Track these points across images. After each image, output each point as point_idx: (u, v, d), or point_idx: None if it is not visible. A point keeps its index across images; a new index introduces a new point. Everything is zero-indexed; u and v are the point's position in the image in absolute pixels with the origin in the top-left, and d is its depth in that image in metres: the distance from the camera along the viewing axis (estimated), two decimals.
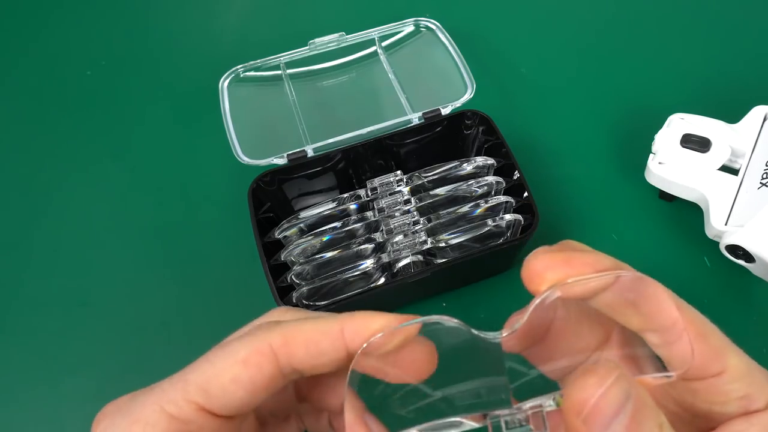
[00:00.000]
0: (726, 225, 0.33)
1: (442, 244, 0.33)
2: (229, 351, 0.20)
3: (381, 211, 0.35)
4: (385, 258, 0.33)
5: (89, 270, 0.38)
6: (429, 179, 0.35)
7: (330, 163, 0.37)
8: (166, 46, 0.49)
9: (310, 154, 0.36)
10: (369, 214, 0.34)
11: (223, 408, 0.20)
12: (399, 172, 0.36)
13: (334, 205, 0.35)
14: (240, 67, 0.40)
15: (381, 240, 0.33)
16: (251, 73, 0.41)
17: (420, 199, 0.35)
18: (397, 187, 0.35)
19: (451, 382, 0.20)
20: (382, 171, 0.38)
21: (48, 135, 0.44)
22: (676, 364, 0.20)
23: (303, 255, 0.33)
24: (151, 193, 0.41)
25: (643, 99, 0.43)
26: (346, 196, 0.35)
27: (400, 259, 0.33)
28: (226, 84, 0.40)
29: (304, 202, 0.38)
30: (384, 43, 0.43)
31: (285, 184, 0.37)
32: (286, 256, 0.33)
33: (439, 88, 0.40)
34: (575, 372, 0.18)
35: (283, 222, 0.34)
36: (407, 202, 0.35)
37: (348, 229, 0.34)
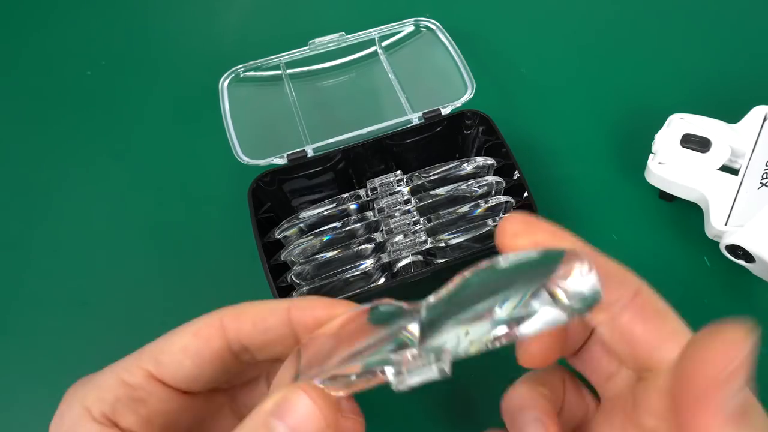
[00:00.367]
0: (726, 225, 0.33)
1: (442, 244, 0.33)
2: (184, 326, 0.22)
3: (381, 211, 0.35)
4: (385, 258, 0.33)
5: (89, 270, 0.38)
6: (429, 179, 0.35)
7: (330, 163, 0.37)
8: (166, 46, 0.49)
9: (310, 154, 0.36)
10: (369, 214, 0.35)
11: (172, 377, 0.22)
12: (399, 172, 0.36)
13: (334, 205, 0.35)
14: (240, 67, 0.40)
15: (381, 240, 0.33)
16: (251, 73, 0.41)
17: (420, 199, 0.35)
18: (397, 187, 0.35)
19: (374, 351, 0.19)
20: (382, 171, 0.38)
21: (48, 135, 0.44)
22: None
23: (303, 255, 0.33)
24: (151, 192, 0.41)
25: (643, 99, 0.43)
26: (346, 196, 0.35)
27: (400, 259, 0.33)
28: (226, 84, 0.40)
29: (304, 202, 0.38)
30: (384, 43, 0.43)
31: (285, 184, 0.37)
32: (286, 256, 0.33)
33: (439, 88, 0.40)
34: (701, 333, 0.16)
35: (283, 222, 0.34)
36: (407, 202, 0.35)
37: (348, 229, 0.34)
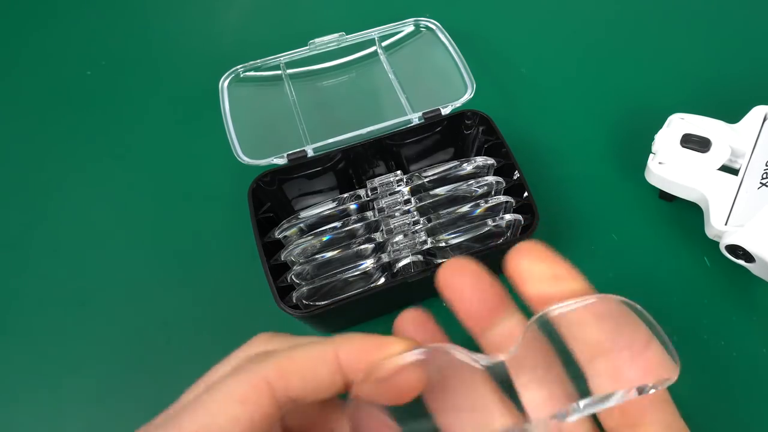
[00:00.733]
0: (726, 225, 0.33)
1: (442, 244, 0.33)
2: (223, 391, 0.19)
3: (381, 211, 0.35)
4: (385, 258, 0.33)
5: (89, 270, 0.38)
6: (429, 179, 0.35)
7: (330, 163, 0.37)
8: (166, 46, 0.49)
9: (310, 154, 0.36)
10: (369, 214, 0.35)
11: None
12: (399, 172, 0.36)
13: (334, 205, 0.35)
14: (240, 67, 0.40)
15: (381, 240, 0.33)
16: (251, 73, 0.41)
17: (420, 199, 0.35)
18: (397, 187, 0.35)
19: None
20: (382, 171, 0.38)
21: (48, 135, 0.44)
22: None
23: (303, 255, 0.33)
24: (151, 192, 0.41)
25: (643, 99, 0.43)
26: (346, 196, 0.35)
27: (400, 259, 0.33)
28: (226, 84, 0.40)
29: (304, 202, 0.38)
30: (384, 43, 0.43)
31: (285, 184, 0.37)
32: (286, 256, 0.33)
33: (439, 88, 0.40)
34: None
35: (283, 222, 0.34)
36: (407, 202, 0.35)
37: (348, 229, 0.34)
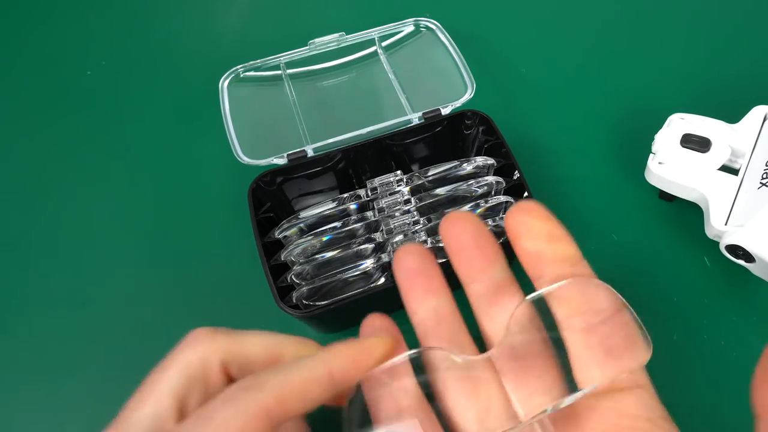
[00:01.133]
0: (726, 225, 0.33)
1: (442, 244, 0.33)
2: (221, 422, 0.19)
3: (381, 211, 0.35)
4: (385, 258, 0.33)
5: (89, 269, 0.38)
6: (429, 179, 0.35)
7: (330, 163, 0.37)
8: (166, 46, 0.49)
9: (310, 154, 0.36)
10: (369, 214, 0.35)
11: None
12: (399, 172, 0.36)
13: (334, 205, 0.35)
14: (240, 67, 0.40)
15: (381, 240, 0.33)
16: (251, 73, 0.41)
17: (420, 199, 0.35)
18: (397, 187, 0.35)
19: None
20: (382, 171, 0.38)
21: (48, 135, 0.44)
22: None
23: (303, 255, 0.33)
24: (151, 192, 0.41)
25: (643, 99, 0.43)
26: (346, 196, 0.35)
27: None
28: (226, 84, 0.40)
29: (304, 202, 0.38)
30: (384, 43, 0.43)
31: (285, 184, 0.37)
32: (286, 256, 0.33)
33: (439, 88, 0.40)
34: None
35: (283, 222, 0.34)
36: (407, 202, 0.35)
37: (348, 229, 0.34)
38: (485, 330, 0.23)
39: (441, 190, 0.35)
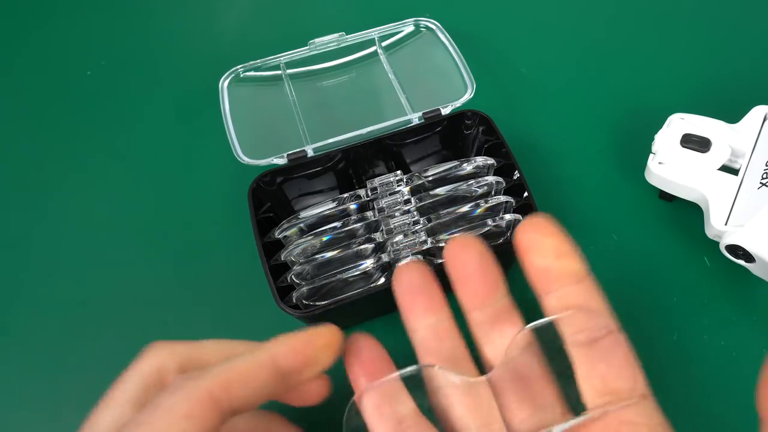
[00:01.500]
0: (726, 225, 0.33)
1: (442, 244, 0.33)
2: (166, 408, 0.19)
3: (381, 211, 0.35)
4: (385, 258, 0.33)
5: (89, 269, 0.38)
6: (429, 179, 0.35)
7: (330, 163, 0.37)
8: (166, 46, 0.49)
9: (310, 154, 0.36)
10: (369, 214, 0.35)
11: None
12: (399, 172, 0.36)
13: (334, 205, 0.35)
14: (240, 67, 0.40)
15: (381, 240, 0.33)
16: (251, 73, 0.41)
17: (420, 199, 0.35)
18: (397, 187, 0.35)
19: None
20: (382, 171, 0.38)
21: (48, 135, 0.44)
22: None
23: (303, 255, 0.33)
24: (151, 192, 0.41)
25: (643, 99, 0.43)
26: (346, 196, 0.35)
27: (400, 259, 0.33)
28: (226, 84, 0.40)
29: (304, 202, 0.38)
30: (384, 43, 0.43)
31: (285, 184, 0.37)
32: (286, 256, 0.33)
33: (439, 88, 0.40)
34: None
35: (283, 222, 0.34)
36: (407, 202, 0.35)
37: (348, 229, 0.34)
38: (485, 354, 0.23)
39: (441, 190, 0.35)
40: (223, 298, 0.36)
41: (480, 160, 0.35)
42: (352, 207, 0.35)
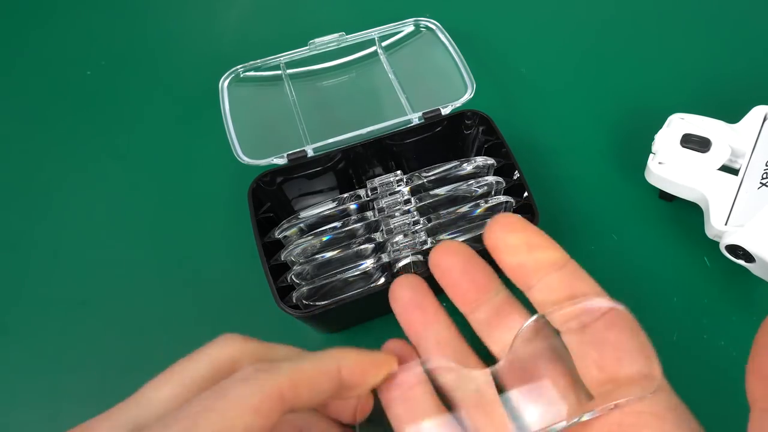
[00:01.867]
0: (726, 225, 0.33)
1: None
2: (238, 398, 0.19)
3: (381, 211, 0.35)
4: (385, 258, 0.33)
5: (89, 269, 0.38)
6: (429, 179, 0.35)
7: (330, 163, 0.37)
8: (166, 46, 0.49)
9: (310, 154, 0.36)
10: (369, 214, 0.35)
11: None
12: (399, 172, 0.36)
13: (334, 205, 0.35)
14: (240, 67, 0.40)
15: (381, 240, 0.33)
16: (251, 73, 0.41)
17: (420, 199, 0.35)
18: (397, 187, 0.35)
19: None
20: (382, 171, 0.38)
21: (48, 135, 0.44)
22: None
23: (303, 255, 0.33)
24: (151, 192, 0.41)
25: (643, 99, 0.43)
26: (346, 196, 0.35)
27: (400, 259, 0.33)
28: (226, 84, 0.40)
29: (304, 202, 0.38)
30: (384, 43, 0.43)
31: (285, 184, 0.37)
32: (286, 256, 0.33)
33: (439, 88, 0.40)
34: None
35: (283, 222, 0.34)
36: (407, 202, 0.35)
37: (348, 229, 0.34)
38: (494, 352, 0.24)
39: (441, 190, 0.35)
40: (223, 298, 0.36)
41: (480, 160, 0.35)
42: (352, 207, 0.35)
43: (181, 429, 0.18)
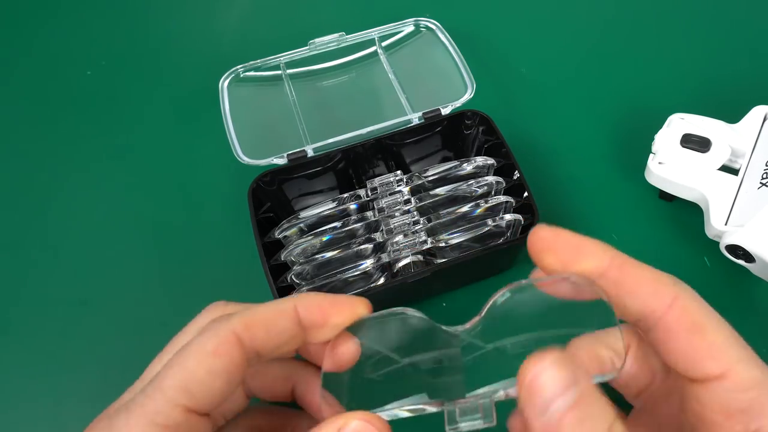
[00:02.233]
0: (726, 225, 0.33)
1: (442, 244, 0.33)
2: (196, 347, 0.21)
3: (381, 211, 0.35)
4: (385, 258, 0.33)
5: (89, 269, 0.38)
6: (429, 179, 0.35)
7: (330, 163, 0.37)
8: (166, 46, 0.49)
9: (310, 154, 0.36)
10: (369, 214, 0.35)
11: (207, 403, 0.21)
12: (399, 172, 0.36)
13: (334, 205, 0.35)
14: (240, 67, 0.40)
15: (381, 240, 0.33)
16: (251, 73, 0.41)
17: (420, 199, 0.35)
18: (397, 187, 0.35)
19: (416, 354, 0.23)
20: (382, 171, 0.38)
21: (48, 135, 0.44)
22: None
23: (303, 255, 0.33)
24: (151, 193, 0.41)
25: (643, 99, 0.43)
26: (346, 196, 0.35)
27: (400, 259, 0.33)
28: (226, 84, 0.40)
29: (304, 202, 0.38)
30: (384, 43, 0.43)
31: (285, 184, 0.37)
32: (286, 256, 0.33)
33: (439, 88, 0.40)
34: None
35: (283, 222, 0.34)
36: (407, 202, 0.35)
37: (348, 229, 0.34)
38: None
39: (441, 190, 0.35)
40: (223, 298, 0.36)
41: (480, 160, 0.35)
42: (352, 207, 0.35)
43: (152, 392, 0.20)
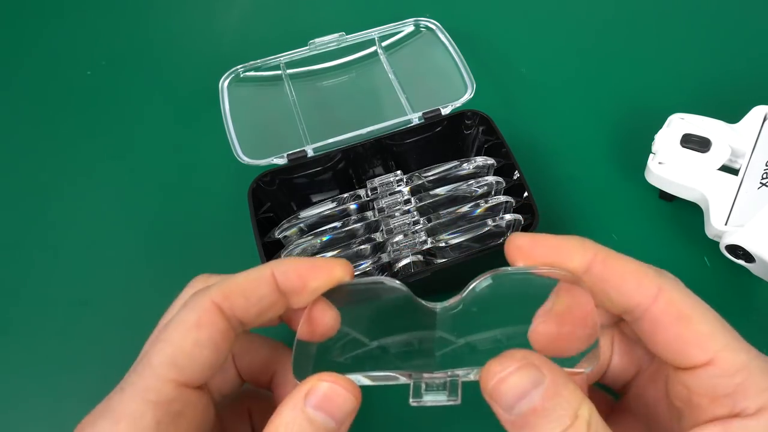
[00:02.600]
0: (726, 225, 0.33)
1: (442, 244, 0.33)
2: (178, 322, 0.21)
3: (381, 211, 0.35)
4: (385, 258, 0.33)
5: (89, 269, 0.38)
6: (429, 179, 0.35)
7: (330, 163, 0.37)
8: (166, 46, 0.49)
9: (310, 154, 0.36)
10: (369, 214, 0.35)
11: (196, 375, 0.21)
12: (399, 172, 0.36)
13: (334, 205, 0.35)
14: (240, 67, 0.40)
15: (381, 240, 0.33)
16: (251, 73, 0.41)
17: (420, 199, 0.35)
18: (397, 187, 0.35)
19: (388, 335, 0.23)
20: (382, 171, 0.38)
21: (48, 135, 0.44)
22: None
23: (303, 255, 0.33)
24: (151, 192, 0.41)
25: (643, 99, 0.43)
26: (346, 196, 0.35)
27: (400, 259, 0.33)
28: (226, 84, 0.40)
29: (304, 202, 0.38)
30: (384, 43, 0.43)
31: (285, 184, 0.37)
32: (286, 256, 0.33)
33: (439, 88, 0.40)
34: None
35: (283, 222, 0.34)
36: (407, 202, 0.35)
37: (348, 229, 0.34)
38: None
39: (441, 190, 0.35)
40: None
41: (480, 160, 0.35)
42: (352, 207, 0.35)
43: (141, 370, 0.20)
